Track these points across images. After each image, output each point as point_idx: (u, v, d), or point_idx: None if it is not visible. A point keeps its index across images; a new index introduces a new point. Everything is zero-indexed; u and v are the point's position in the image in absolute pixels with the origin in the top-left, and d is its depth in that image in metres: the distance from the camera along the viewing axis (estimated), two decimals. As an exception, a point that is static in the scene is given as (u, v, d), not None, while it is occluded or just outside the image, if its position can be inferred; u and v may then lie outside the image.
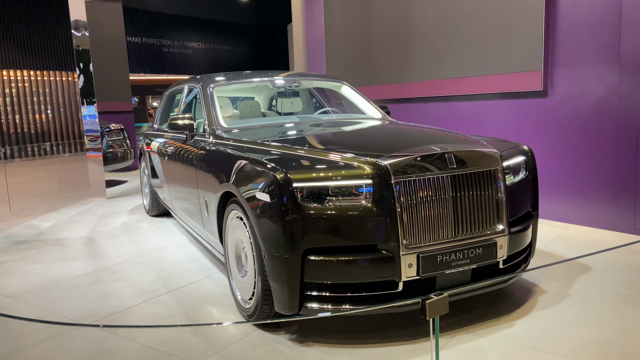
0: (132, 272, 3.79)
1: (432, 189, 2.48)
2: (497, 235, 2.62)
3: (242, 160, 2.83)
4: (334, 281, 2.43)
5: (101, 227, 5.32)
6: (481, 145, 2.76)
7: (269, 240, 2.48)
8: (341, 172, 2.46)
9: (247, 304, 2.82)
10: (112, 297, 3.31)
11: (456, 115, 5.37)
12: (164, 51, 16.33)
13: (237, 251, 2.98)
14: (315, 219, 2.40)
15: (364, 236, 2.42)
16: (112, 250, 4.42)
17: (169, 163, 4.45)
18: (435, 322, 1.25)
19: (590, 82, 4.29)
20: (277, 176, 2.43)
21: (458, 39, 5.21)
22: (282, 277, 2.45)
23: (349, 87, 4.48)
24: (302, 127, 3.75)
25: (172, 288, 3.42)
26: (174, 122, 3.86)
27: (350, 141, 3.16)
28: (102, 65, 7.16)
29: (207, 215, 3.42)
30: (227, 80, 4.15)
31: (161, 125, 5.46)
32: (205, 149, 3.51)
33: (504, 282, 2.72)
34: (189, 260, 4.01)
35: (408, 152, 2.57)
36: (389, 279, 2.43)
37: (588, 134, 4.35)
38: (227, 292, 3.29)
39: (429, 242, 2.47)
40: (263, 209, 2.50)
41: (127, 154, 7.85)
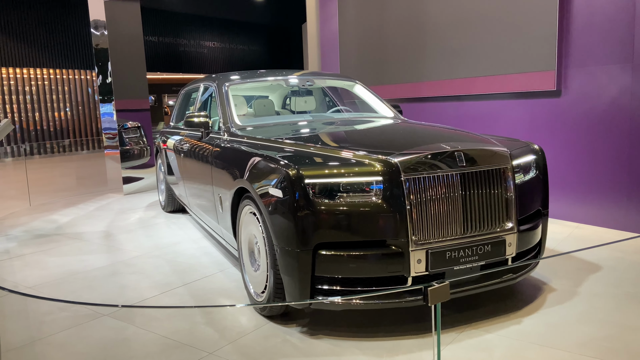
0: (148, 266, 3.89)
1: (441, 187, 2.53)
2: (506, 233, 2.66)
3: (256, 157, 2.91)
4: (344, 275, 2.49)
5: (118, 222, 5.44)
6: (491, 144, 2.80)
7: (281, 235, 2.55)
8: (352, 169, 2.52)
9: (260, 297, 2.89)
10: (129, 289, 3.41)
11: (468, 115, 5.40)
12: (180, 50, 16.52)
13: (250, 246, 3.05)
14: (326, 215, 2.46)
15: (374, 232, 2.48)
16: (129, 245, 4.53)
17: (184, 160, 4.55)
18: (436, 309, 1.31)
19: (603, 81, 4.30)
20: (290, 172, 2.50)
21: (471, 39, 5.24)
22: (293, 271, 2.52)
23: (361, 86, 4.54)
24: (315, 125, 3.82)
25: (187, 281, 3.51)
26: (190, 119, 3.95)
27: (361, 139, 3.22)
28: (120, 63, 7.29)
29: (221, 210, 3.50)
30: (242, 79, 4.23)
31: (177, 123, 5.57)
32: (220, 146, 3.60)
33: (513, 279, 2.76)
34: (203, 255, 4.10)
35: (418, 149, 2.62)
36: (398, 274, 2.48)
37: (601, 134, 4.35)
38: (240, 285, 3.37)
39: (438, 238, 2.52)
40: (276, 205, 2.57)
41: (144, 151, 7.99)
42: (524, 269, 2.84)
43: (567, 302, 2.91)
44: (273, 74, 4.44)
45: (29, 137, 14.47)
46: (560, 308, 2.83)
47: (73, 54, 15.09)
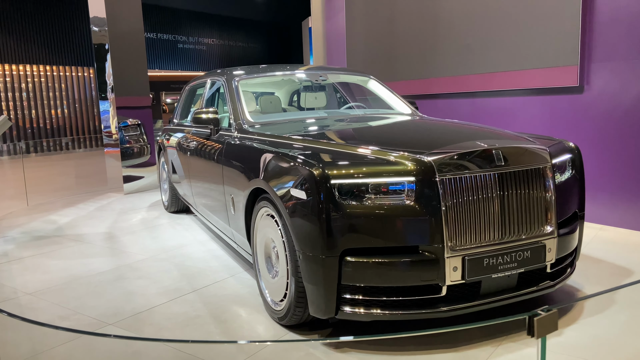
0: (155, 270, 3.69)
1: (478, 188, 2.34)
2: (545, 238, 2.48)
3: (274, 156, 2.71)
4: (373, 284, 2.30)
5: (120, 223, 5.24)
6: (528, 142, 2.61)
7: (305, 240, 2.35)
8: (381, 169, 2.32)
9: (278, 306, 2.70)
10: (137, 296, 3.21)
11: (485, 112, 5.21)
12: (178, 47, 16.28)
13: (266, 250, 2.86)
14: (354, 218, 2.27)
15: (406, 237, 2.29)
16: (133, 247, 4.32)
17: (190, 158, 4.35)
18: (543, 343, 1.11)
19: (628, 77, 4.11)
20: (314, 172, 2.31)
21: (487, 33, 5.05)
22: (318, 278, 2.33)
23: (376, 81, 4.34)
24: (332, 121, 3.62)
25: (197, 287, 3.31)
26: (198, 116, 3.75)
27: (386, 136, 3.02)
28: (120, 60, 7.08)
29: (233, 212, 3.30)
30: (253, 74, 4.03)
31: (181, 120, 5.36)
32: (231, 144, 3.40)
33: (552, 286, 2.57)
34: (212, 258, 3.91)
35: (453, 148, 2.43)
36: (432, 283, 2.29)
37: (626, 132, 4.17)
38: (254, 291, 3.18)
39: (475, 244, 2.33)
40: (298, 207, 2.38)
41: (145, 149, 7.78)
42: (562, 276, 2.66)
43: (606, 311, 2.73)
44: (284, 68, 4.24)
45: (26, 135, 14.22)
46: (601, 318, 2.65)
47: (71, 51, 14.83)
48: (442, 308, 2.32)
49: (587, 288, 3.03)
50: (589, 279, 3.16)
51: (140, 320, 2.85)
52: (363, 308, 2.34)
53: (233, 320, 2.80)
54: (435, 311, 2.32)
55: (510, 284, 2.48)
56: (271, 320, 2.77)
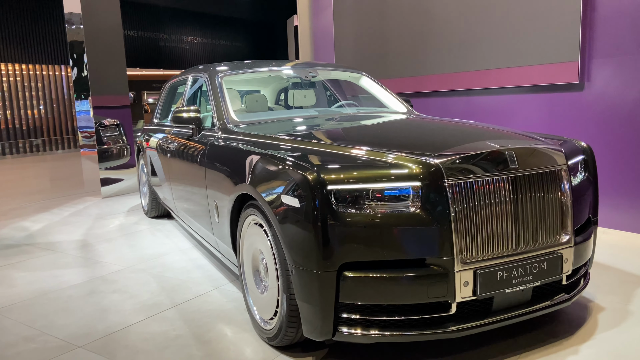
0: (132, 282, 3.40)
1: (490, 193, 2.11)
2: (562, 247, 2.26)
3: (262, 158, 2.45)
4: (375, 302, 2.06)
5: (96, 230, 4.92)
6: (541, 142, 2.39)
7: (298, 253, 2.10)
8: (383, 172, 2.08)
9: (268, 325, 2.44)
10: (111, 312, 2.92)
11: (480, 110, 5.01)
12: (160, 45, 15.88)
13: (254, 263, 2.59)
14: (353, 228, 2.02)
15: (412, 249, 2.04)
16: (109, 256, 4.02)
17: (171, 160, 4.06)
18: None
19: (632, 73, 3.93)
20: (308, 177, 2.05)
21: (482, 28, 4.84)
22: (313, 296, 2.07)
23: (369, 78, 4.10)
24: (324, 121, 3.36)
25: (178, 302, 3.03)
26: (178, 115, 3.47)
27: (385, 137, 2.77)
28: (97, 58, 6.76)
29: (217, 219, 3.03)
30: (237, 70, 3.76)
31: (162, 119, 5.07)
32: (214, 145, 3.13)
33: (568, 300, 2.35)
34: (194, 268, 3.63)
35: (461, 149, 2.20)
36: (441, 300, 2.05)
37: (629, 131, 3.99)
38: (241, 306, 2.91)
39: (487, 255, 2.10)
40: (290, 216, 2.12)
41: (124, 150, 7.45)
42: (577, 288, 2.44)
43: (623, 324, 2.52)
44: (270, 64, 3.97)
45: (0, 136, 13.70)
46: (619, 332, 2.44)
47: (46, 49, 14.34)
48: (452, 328, 2.08)
49: (600, 298, 2.82)
50: (599, 288, 2.96)
51: (114, 342, 2.56)
52: (363, 329, 2.09)
53: (218, 341, 2.53)
54: (444, 331, 2.08)
55: (525, 298, 2.25)
56: (260, 340, 2.50)
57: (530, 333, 2.45)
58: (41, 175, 9.97)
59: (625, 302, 2.77)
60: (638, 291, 2.90)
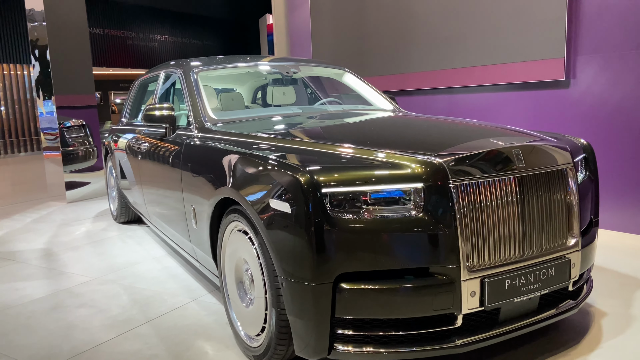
0: (101, 295, 3.13)
1: (497, 194, 1.95)
2: (569, 251, 2.12)
3: (247, 158, 2.23)
4: (376, 316, 1.87)
5: (61, 237, 4.60)
6: (545, 139, 2.25)
7: (289, 263, 1.89)
8: (383, 173, 1.89)
9: (254, 342, 2.22)
10: (78, 330, 2.66)
11: (464, 109, 4.89)
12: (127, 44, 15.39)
13: (238, 273, 2.37)
14: (350, 235, 1.83)
15: (414, 256, 1.86)
16: (75, 266, 3.72)
17: (142, 162, 3.79)
18: None
19: (619, 70, 3.86)
20: (300, 179, 1.85)
21: (465, 25, 4.72)
22: (306, 310, 1.87)
23: (352, 74, 3.92)
24: (310, 119, 3.16)
25: (152, 316, 2.78)
26: (150, 113, 3.23)
27: (381, 135, 2.58)
28: (61, 56, 6.40)
29: (194, 225, 2.79)
30: (214, 65, 3.52)
31: (131, 119, 4.78)
32: (191, 146, 2.89)
33: (574, 307, 2.21)
34: (169, 278, 3.37)
35: (464, 147, 2.03)
36: (446, 312, 1.88)
37: (616, 129, 3.92)
38: (222, 319, 2.68)
39: (495, 262, 1.94)
40: (280, 222, 1.91)
41: (90, 152, 7.09)
42: (582, 294, 2.31)
43: (628, 330, 2.40)
44: (248, 59, 3.75)
45: (-42, 138, 13.02)
46: (625, 340, 2.31)
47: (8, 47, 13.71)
48: (457, 342, 1.91)
49: (600, 302, 2.71)
50: (598, 292, 2.85)
51: (81, 364, 2.31)
52: (361, 345, 1.90)
53: (197, 357, 2.30)
54: (450, 346, 1.90)
55: (532, 307, 2.10)
56: (244, 358, 2.29)
57: (534, 342, 2.30)
58: (1, 180, 9.46)
59: (627, 306, 2.66)
60: (638, 294, 2.80)
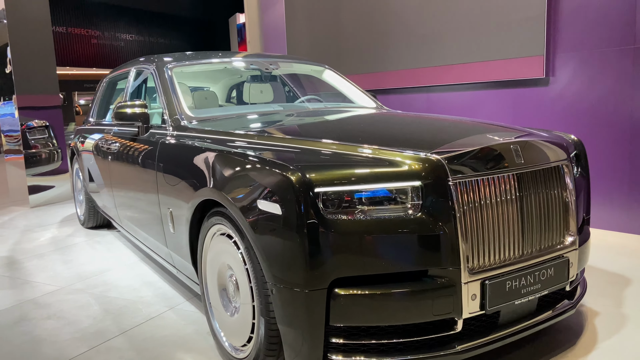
0: (70, 306, 2.92)
1: (496, 192, 1.86)
2: (567, 250, 2.05)
3: (230, 157, 2.09)
4: (373, 324, 1.75)
5: (24, 244, 4.33)
6: (540, 135, 2.18)
7: (280, 268, 1.76)
8: (379, 171, 1.78)
9: (240, 353, 2.08)
10: (45, 344, 2.46)
11: (441, 107, 4.84)
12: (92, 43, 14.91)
13: (221, 280, 2.23)
14: (346, 238, 1.71)
15: (413, 259, 1.76)
16: (41, 275, 3.49)
17: (112, 164, 3.59)
18: None
19: (599, 68, 3.87)
20: (291, 177, 1.72)
21: (443, 23, 4.68)
22: (299, 319, 1.75)
23: (332, 71, 3.81)
24: (293, 116, 3.03)
25: (126, 327, 2.60)
26: (122, 111, 3.04)
27: (372, 132, 2.46)
28: (23, 55, 6.10)
29: (172, 230, 2.63)
30: (190, 60, 3.35)
31: (99, 119, 4.55)
32: (167, 145, 2.72)
33: (572, 307, 2.15)
34: (143, 286, 3.19)
35: (461, 144, 1.94)
36: (446, 317, 1.78)
37: (596, 127, 3.92)
38: (202, 329, 2.53)
39: (496, 263, 1.85)
40: (269, 224, 1.78)
41: (54, 154, 6.78)
42: (578, 294, 2.25)
43: (623, 330, 2.36)
44: (225, 55, 3.60)
45: None
46: (622, 340, 2.27)
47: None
48: (458, 348, 1.82)
49: (591, 302, 2.66)
50: (589, 290, 2.80)
51: (50, 382, 2.12)
52: (358, 355, 1.79)
53: (178, 374, 2.14)
54: (450, 352, 1.80)
55: (531, 308, 2.03)
56: (230, 370, 2.14)
57: (530, 345, 2.23)
58: (-42, 184, 8.97)
59: (618, 305, 2.62)
60: (627, 292, 2.77)
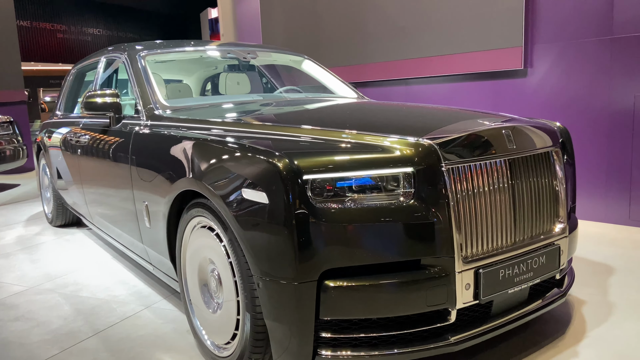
0: (39, 306, 2.77)
1: (489, 179, 1.81)
2: (558, 237, 2.02)
3: (211, 145, 1.99)
4: (365, 316, 1.68)
5: (-12, 244, 4.12)
6: (529, 121, 2.15)
7: (267, 261, 1.67)
8: (370, 157, 1.70)
9: (224, 351, 1.98)
10: (13, 347, 2.30)
11: (420, 99, 4.81)
12: (58, 37, 14.45)
13: (202, 275, 2.12)
14: (337, 227, 1.63)
15: (407, 248, 1.69)
16: (7, 275, 3.31)
17: (82, 158, 3.42)
18: None
19: (577, 59, 3.89)
20: (278, 164, 1.63)
21: (422, 14, 4.64)
22: (287, 313, 1.66)
23: (312, 61, 3.73)
24: (272, 105, 2.93)
25: (100, 327, 2.47)
26: (91, 100, 2.88)
27: (359, 119, 2.38)
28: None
29: (147, 224, 2.50)
30: (163, 49, 3.22)
31: (67, 112, 4.36)
32: (141, 135, 2.59)
33: (562, 296, 2.12)
34: (116, 284, 3.05)
35: (452, 129, 1.88)
36: (439, 308, 1.72)
37: (574, 118, 3.94)
38: (182, 327, 2.41)
39: (489, 251, 1.80)
40: (255, 215, 1.69)
41: (19, 151, 6.51)
42: (567, 283, 2.23)
43: (611, 318, 2.35)
44: (199, 43, 3.48)
45: None
46: (610, 328, 2.25)
47: None
48: (451, 339, 1.76)
49: (577, 291, 2.65)
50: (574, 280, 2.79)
51: (18, 388, 1.98)
52: (349, 349, 1.71)
53: (158, 375, 2.03)
54: (444, 344, 1.74)
55: (522, 297, 1.99)
56: (212, 369, 2.04)
57: (521, 335, 2.20)
58: None
59: (603, 293, 2.62)
60: (611, 281, 2.77)
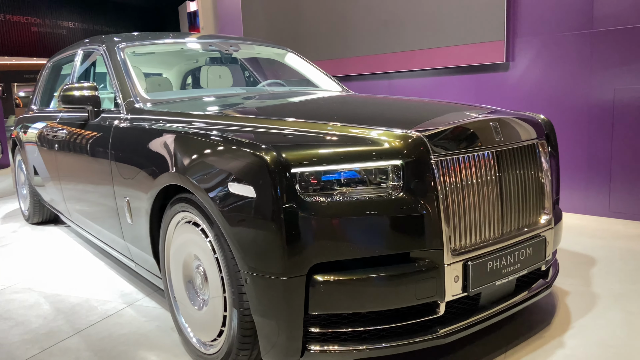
0: (17, 305, 2.69)
1: (476, 170, 1.81)
2: (544, 229, 2.03)
3: (196, 139, 1.94)
4: (354, 310, 1.66)
5: (-38, 243, 3.99)
6: (515, 113, 2.15)
7: (254, 256, 1.64)
8: (359, 150, 1.68)
9: (210, 348, 1.94)
10: (-12, 350, 2.23)
11: (403, 93, 4.81)
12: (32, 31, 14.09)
13: (187, 272, 2.07)
14: (326, 221, 1.61)
15: (396, 241, 1.67)
16: (-18, 275, 3.21)
17: (59, 153, 3.33)
18: None
19: (558, 52, 3.92)
20: (266, 157, 1.60)
21: (405, 8, 4.63)
22: (276, 308, 1.63)
23: (295, 54, 3.69)
24: (255, 98, 2.88)
25: (81, 326, 2.41)
26: (69, 93, 2.81)
27: (346, 111, 2.36)
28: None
29: (129, 220, 2.44)
30: (142, 40, 3.14)
31: (43, 106, 4.25)
32: (121, 129, 2.53)
33: (548, 287, 2.14)
34: (97, 282, 2.98)
35: (440, 122, 1.87)
36: (429, 301, 1.71)
37: (556, 111, 3.98)
38: (166, 325, 2.37)
39: (477, 243, 1.80)
40: (242, 209, 1.65)
41: (-7, 148, 6.34)
42: (552, 274, 2.24)
43: (594, 308, 2.37)
44: (180, 36, 3.41)
45: None
46: (594, 318, 2.28)
47: None
48: (440, 332, 1.75)
49: (560, 282, 2.68)
50: (555, 271, 2.82)
51: (-4, 391, 1.92)
52: (338, 344, 1.69)
53: (142, 374, 1.99)
54: (433, 337, 1.74)
55: (509, 289, 2.00)
56: (199, 367, 2.00)
57: (507, 326, 2.21)
58: None
59: (586, 284, 2.65)
60: (593, 272, 2.81)
